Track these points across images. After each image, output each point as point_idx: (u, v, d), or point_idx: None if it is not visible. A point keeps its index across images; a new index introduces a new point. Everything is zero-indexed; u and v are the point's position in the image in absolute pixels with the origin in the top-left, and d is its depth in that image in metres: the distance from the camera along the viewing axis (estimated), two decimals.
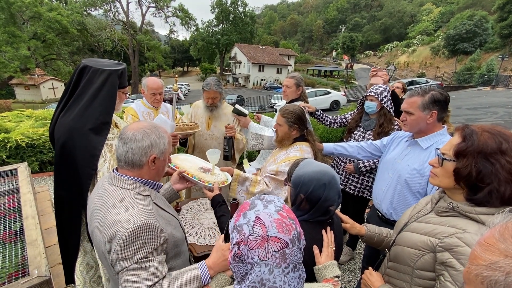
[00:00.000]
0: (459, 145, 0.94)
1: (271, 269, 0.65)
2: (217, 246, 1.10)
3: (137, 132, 1.03)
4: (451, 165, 0.97)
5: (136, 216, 0.93)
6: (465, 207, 0.94)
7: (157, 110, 2.57)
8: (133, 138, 1.02)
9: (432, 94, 1.52)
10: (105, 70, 1.54)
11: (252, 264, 0.65)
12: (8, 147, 4.27)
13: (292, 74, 2.68)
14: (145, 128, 1.05)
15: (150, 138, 1.04)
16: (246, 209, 0.73)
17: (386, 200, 1.74)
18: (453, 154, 0.95)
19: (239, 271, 0.68)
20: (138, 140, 1.02)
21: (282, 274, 0.66)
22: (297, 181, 1.15)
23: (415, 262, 1.03)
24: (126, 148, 1.02)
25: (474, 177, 0.89)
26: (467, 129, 0.95)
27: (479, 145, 0.89)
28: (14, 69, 21.04)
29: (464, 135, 0.94)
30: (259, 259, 0.65)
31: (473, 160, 0.89)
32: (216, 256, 1.07)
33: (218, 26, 50.81)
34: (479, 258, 0.53)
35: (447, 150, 0.99)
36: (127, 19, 33.91)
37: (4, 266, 1.33)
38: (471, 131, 0.93)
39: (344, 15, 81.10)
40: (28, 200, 1.90)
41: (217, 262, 1.06)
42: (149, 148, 1.04)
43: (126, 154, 1.03)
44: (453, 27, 36.35)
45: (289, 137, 1.86)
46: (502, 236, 0.52)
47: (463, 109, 12.95)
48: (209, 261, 1.08)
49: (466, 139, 0.93)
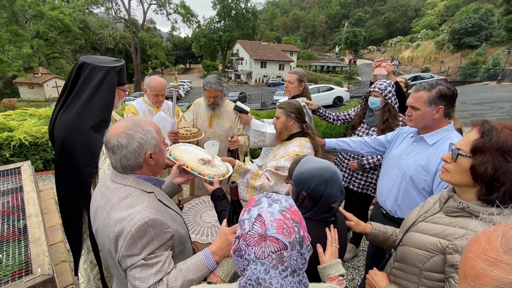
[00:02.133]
0: (477, 141, 0.89)
1: (267, 269, 0.64)
2: (221, 231, 1.10)
3: (120, 138, 0.97)
4: (466, 161, 0.93)
5: (142, 212, 0.93)
6: (477, 207, 0.91)
7: (158, 108, 2.56)
8: (119, 145, 0.97)
9: (439, 89, 1.48)
10: (104, 67, 1.52)
11: (249, 260, 0.65)
12: (11, 146, 4.30)
13: (294, 69, 2.65)
14: (126, 130, 0.98)
15: (136, 138, 0.99)
16: (252, 204, 0.73)
17: (391, 197, 1.71)
18: (470, 150, 0.91)
19: (238, 265, 0.69)
20: (125, 146, 0.97)
21: (280, 277, 0.65)
22: (298, 179, 1.14)
23: (424, 264, 1.01)
24: (117, 156, 0.99)
25: (490, 175, 0.85)
26: (486, 125, 0.90)
27: (499, 142, 0.85)
28: (18, 68, 21.18)
29: (483, 131, 0.90)
30: (255, 257, 0.64)
31: (491, 157, 0.85)
32: (220, 241, 1.07)
33: (220, 22, 50.55)
34: (486, 276, 0.44)
35: (463, 146, 0.94)
36: (128, 16, 33.86)
37: (8, 264, 1.34)
38: (490, 127, 0.89)
39: (347, 10, 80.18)
40: (31, 199, 1.90)
41: (221, 247, 1.05)
42: (141, 148, 1.00)
43: (121, 161, 1.00)
44: (458, 20, 35.78)
45: (287, 128, 1.85)
46: (509, 248, 0.44)
47: (468, 104, 12.79)
48: (212, 247, 1.07)
49: (484, 135, 0.88)
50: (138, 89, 32.46)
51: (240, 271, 0.69)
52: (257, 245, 0.64)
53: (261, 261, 0.64)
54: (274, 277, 0.64)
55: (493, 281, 0.43)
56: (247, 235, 0.66)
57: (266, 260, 0.64)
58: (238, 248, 0.68)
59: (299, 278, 0.68)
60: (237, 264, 0.69)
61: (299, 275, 0.68)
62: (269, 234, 0.64)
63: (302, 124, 1.89)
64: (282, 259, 0.64)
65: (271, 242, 0.64)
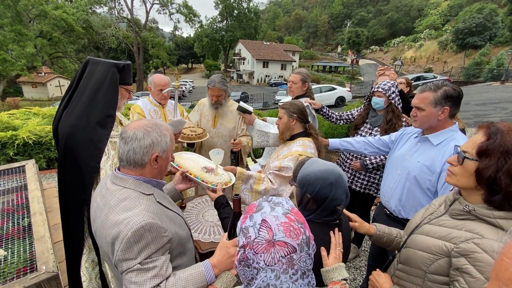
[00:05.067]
0: (483, 144, 0.88)
1: (277, 275, 0.62)
2: (221, 244, 1.09)
3: (138, 131, 1.00)
4: (472, 164, 0.91)
5: (139, 216, 0.92)
6: (483, 210, 0.89)
7: (163, 108, 2.56)
8: (134, 137, 1.00)
9: (445, 90, 1.47)
10: (106, 62, 1.53)
11: (258, 269, 0.63)
12: (15, 145, 4.33)
13: (298, 69, 2.64)
14: (146, 126, 1.02)
15: (152, 136, 1.01)
16: (253, 210, 0.70)
17: (395, 197, 1.71)
18: (476, 153, 0.90)
19: (245, 275, 0.66)
20: (139, 139, 1.00)
21: (290, 281, 0.63)
22: (303, 181, 1.13)
23: (428, 266, 1.00)
24: (127, 147, 1.00)
25: (492, 178, 0.84)
26: (493, 127, 0.89)
27: (504, 144, 0.84)
28: (21, 67, 21.33)
29: (489, 133, 0.88)
30: (265, 264, 0.62)
31: (496, 160, 0.84)
32: (221, 254, 1.06)
33: (222, 22, 50.63)
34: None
35: (469, 148, 0.93)
36: (131, 16, 33.98)
37: (13, 262, 1.35)
38: (496, 129, 0.87)
39: (350, 9, 79.86)
40: (36, 197, 1.92)
41: (222, 260, 1.04)
42: (151, 147, 1.02)
43: (128, 153, 1.01)
44: (462, 20, 35.53)
45: (289, 128, 1.85)
46: None
47: (472, 104, 12.70)
48: (213, 259, 1.06)
49: (491, 138, 0.87)
50: (141, 88, 32.60)
51: (247, 281, 0.66)
52: (266, 251, 0.62)
53: (271, 267, 0.62)
54: (284, 281, 0.63)
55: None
56: (253, 242, 0.64)
57: (277, 265, 0.62)
58: (245, 258, 0.65)
59: (308, 280, 0.67)
60: (244, 275, 0.66)
61: (308, 276, 0.67)
62: (277, 239, 0.63)
63: (305, 124, 1.89)
64: (292, 262, 0.63)
65: (280, 246, 0.63)
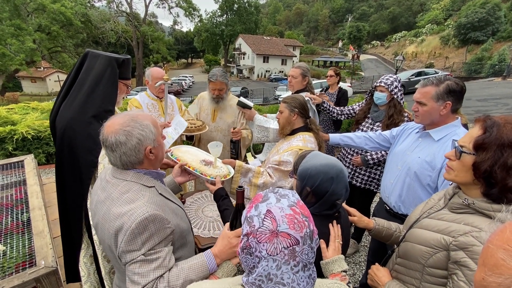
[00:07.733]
0: (479, 138, 0.88)
1: (279, 265, 0.63)
2: (223, 234, 1.09)
3: (118, 135, 0.95)
4: (469, 158, 0.91)
5: (143, 208, 0.92)
6: (482, 204, 0.89)
7: (161, 101, 2.55)
8: (118, 142, 0.96)
9: (447, 84, 1.45)
10: (106, 56, 1.51)
11: (260, 257, 0.64)
12: (14, 139, 4.32)
13: (298, 64, 2.61)
14: (123, 126, 0.97)
15: (135, 134, 0.97)
16: (259, 201, 0.71)
17: (395, 193, 1.70)
18: (473, 147, 0.89)
19: (247, 263, 0.68)
20: (124, 143, 0.96)
21: (291, 272, 0.64)
22: (303, 174, 1.13)
23: (427, 260, 1.00)
24: (117, 154, 0.98)
25: (488, 172, 0.84)
26: (489, 121, 0.88)
27: (500, 137, 0.83)
28: (20, 62, 21.20)
29: (485, 127, 0.88)
30: (267, 254, 0.63)
31: (494, 154, 0.83)
32: (222, 244, 1.06)
33: (222, 16, 50.08)
34: (504, 267, 0.43)
35: (465, 143, 0.92)
36: (130, 10, 33.64)
37: (12, 257, 1.35)
38: (492, 123, 0.87)
39: (351, 4, 79.08)
40: (35, 192, 1.91)
41: (223, 250, 1.05)
42: (140, 144, 0.99)
43: (121, 159, 0.99)
44: (465, 15, 35.13)
45: (290, 123, 1.84)
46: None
47: (473, 100, 12.66)
48: (215, 249, 1.07)
49: (487, 131, 0.87)
50: (140, 83, 32.43)
51: (249, 269, 0.68)
52: (268, 241, 0.63)
53: (273, 257, 0.63)
54: (285, 272, 0.64)
55: (508, 270, 0.42)
56: (257, 232, 0.65)
57: (278, 256, 0.63)
58: (248, 246, 0.66)
59: (309, 273, 0.68)
60: (246, 262, 0.68)
61: (309, 269, 0.68)
62: (281, 230, 0.63)
63: (306, 119, 1.87)
64: (294, 254, 0.64)
65: (283, 237, 0.63)
